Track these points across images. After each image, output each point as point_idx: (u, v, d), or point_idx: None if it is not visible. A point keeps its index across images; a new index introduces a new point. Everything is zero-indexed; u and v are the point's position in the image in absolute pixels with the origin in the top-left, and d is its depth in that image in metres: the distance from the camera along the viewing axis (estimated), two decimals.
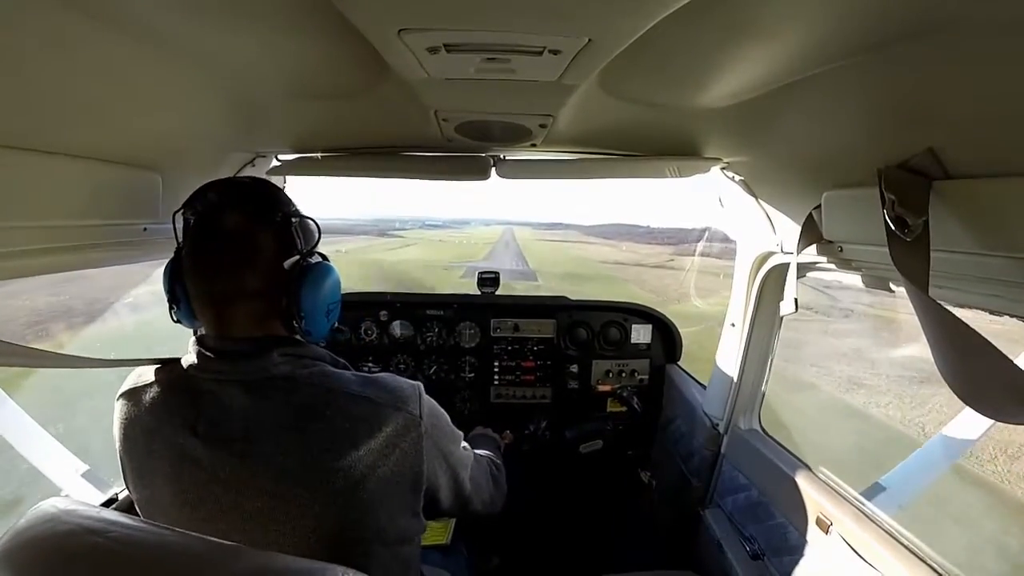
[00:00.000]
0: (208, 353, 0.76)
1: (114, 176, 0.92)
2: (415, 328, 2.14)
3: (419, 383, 0.84)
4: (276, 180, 1.54)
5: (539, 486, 2.16)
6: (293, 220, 0.79)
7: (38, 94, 0.67)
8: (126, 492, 1.27)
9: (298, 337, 0.82)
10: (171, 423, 0.74)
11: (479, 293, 2.16)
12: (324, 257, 0.86)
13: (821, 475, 1.30)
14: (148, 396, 0.78)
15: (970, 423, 1.40)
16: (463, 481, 0.92)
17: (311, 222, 0.84)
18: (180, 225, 0.79)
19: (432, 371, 2.15)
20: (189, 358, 0.78)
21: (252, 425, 0.72)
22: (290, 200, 0.83)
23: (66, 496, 1.24)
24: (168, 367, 0.81)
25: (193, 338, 0.80)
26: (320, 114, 1.12)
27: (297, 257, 0.79)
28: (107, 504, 1.24)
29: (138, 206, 1.01)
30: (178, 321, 0.85)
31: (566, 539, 2.12)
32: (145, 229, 1.08)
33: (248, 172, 1.43)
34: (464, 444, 0.95)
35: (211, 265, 0.76)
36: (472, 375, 2.16)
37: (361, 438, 0.73)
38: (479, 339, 2.15)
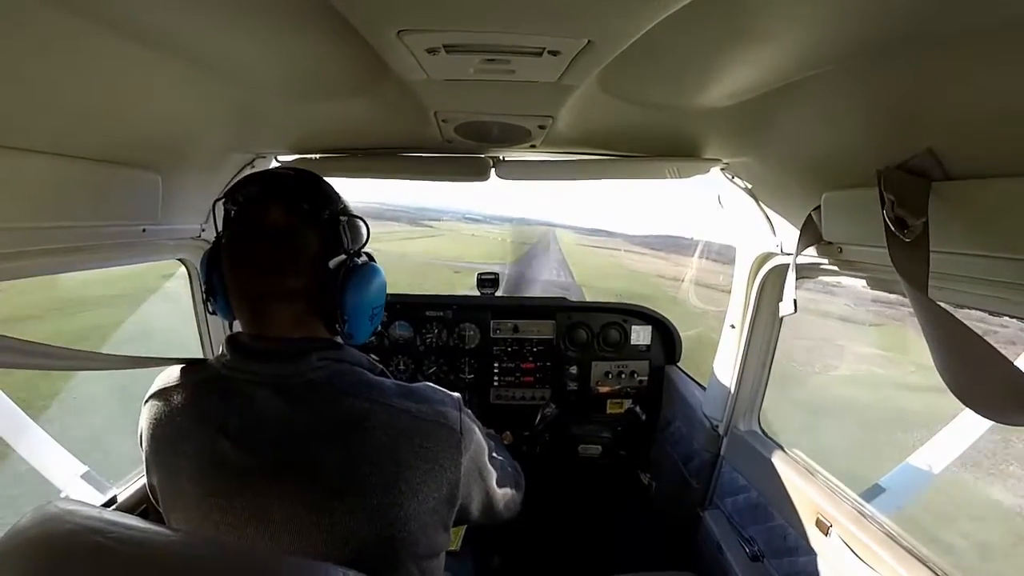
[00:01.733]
0: (243, 353, 0.74)
1: (113, 177, 0.92)
2: (415, 329, 2.14)
3: (458, 395, 0.82)
4: None
5: (539, 488, 2.15)
6: (341, 219, 0.76)
7: (37, 95, 0.68)
8: (127, 493, 1.27)
9: (338, 339, 0.80)
10: (202, 424, 0.72)
11: (479, 294, 2.16)
12: (371, 257, 0.83)
13: (820, 477, 1.29)
14: (178, 397, 0.75)
15: (969, 425, 1.40)
16: (493, 493, 0.90)
17: (360, 221, 0.81)
18: (220, 214, 0.76)
19: (432, 372, 2.15)
20: (222, 357, 0.76)
21: (287, 431, 0.69)
22: (338, 196, 0.79)
23: (67, 496, 1.24)
24: (198, 367, 0.79)
25: (226, 336, 0.78)
26: (319, 115, 1.12)
27: (343, 257, 0.76)
28: (107, 505, 1.24)
29: (137, 207, 1.01)
30: (213, 312, 0.83)
31: (566, 540, 2.11)
32: (144, 230, 1.07)
33: (248, 173, 1.43)
34: (493, 454, 0.92)
35: (252, 262, 0.72)
36: (472, 376, 2.16)
37: (401, 453, 0.70)
38: (479, 340, 2.15)
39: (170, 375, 0.80)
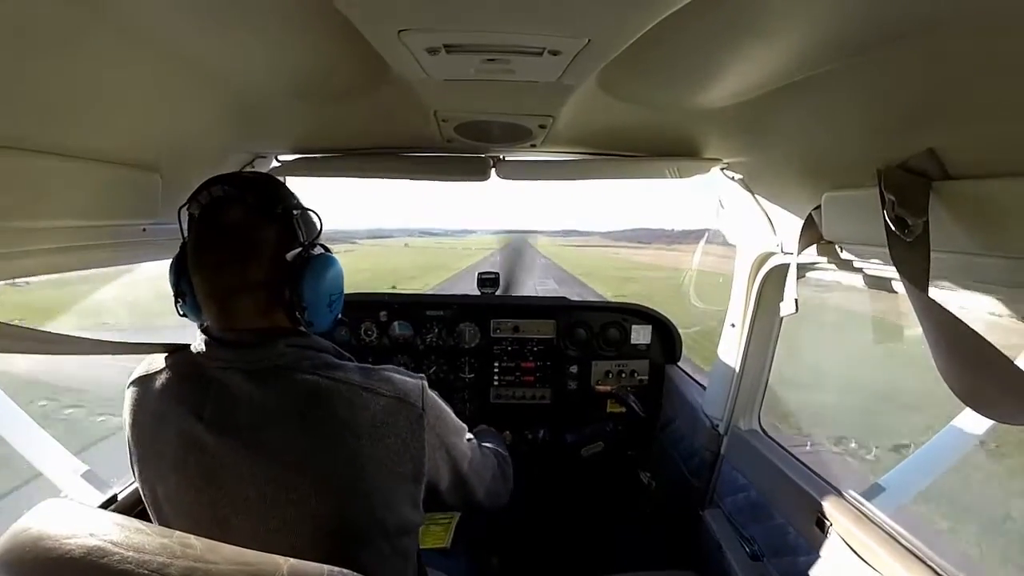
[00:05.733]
0: (215, 342, 0.77)
1: (113, 176, 0.92)
2: (415, 328, 2.14)
3: (423, 376, 0.84)
4: None
5: (538, 487, 2.16)
6: (294, 212, 0.80)
7: (38, 95, 0.67)
8: (126, 493, 1.27)
9: (302, 329, 0.83)
10: (178, 409, 0.75)
11: (479, 294, 2.16)
12: (327, 249, 0.86)
13: (820, 476, 1.29)
14: (157, 382, 0.79)
15: (970, 424, 1.40)
16: (465, 474, 0.92)
17: (313, 214, 0.85)
18: (185, 221, 0.80)
19: (432, 371, 2.14)
20: (197, 345, 0.79)
21: (256, 413, 0.73)
22: (291, 193, 0.83)
23: (65, 496, 1.24)
24: (177, 354, 0.82)
25: (199, 327, 0.81)
26: (320, 115, 1.12)
27: (299, 249, 0.80)
28: (106, 505, 1.24)
29: (138, 206, 1.01)
30: (184, 315, 0.85)
31: (565, 540, 2.11)
32: (144, 229, 1.08)
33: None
34: (468, 437, 0.95)
35: (214, 259, 0.76)
36: (472, 376, 2.16)
37: (363, 429, 0.74)
38: (479, 339, 2.15)
39: (152, 361, 0.83)
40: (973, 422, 1.39)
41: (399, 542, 0.80)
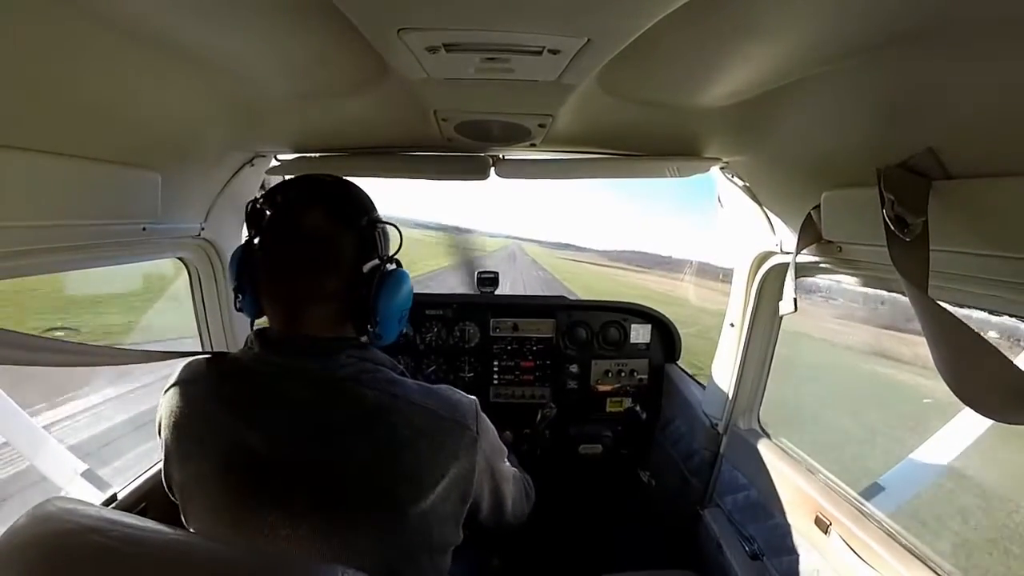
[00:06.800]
0: (273, 347, 0.76)
1: (113, 176, 0.92)
2: (414, 328, 2.14)
3: (475, 398, 0.84)
4: (276, 179, 1.55)
5: (539, 486, 2.15)
6: (378, 226, 0.79)
7: (37, 93, 0.67)
8: (126, 491, 1.27)
9: (363, 339, 0.82)
10: (228, 416, 0.73)
11: (478, 293, 2.16)
12: (399, 264, 0.86)
13: (820, 475, 1.30)
14: (203, 387, 0.77)
15: (969, 423, 1.40)
16: (504, 496, 0.92)
17: (394, 228, 0.85)
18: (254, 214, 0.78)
19: (431, 371, 2.15)
20: (248, 351, 0.78)
21: (313, 424, 0.71)
22: (374, 205, 0.83)
23: (66, 495, 1.24)
24: (220, 359, 0.80)
25: (252, 331, 0.80)
26: (319, 114, 1.12)
27: (376, 262, 0.79)
28: (107, 503, 1.24)
29: (137, 206, 1.01)
30: (240, 309, 0.84)
31: (566, 539, 2.12)
32: (144, 229, 1.07)
33: (247, 172, 1.43)
34: (507, 459, 0.94)
35: (291, 264, 0.75)
36: (471, 375, 2.16)
37: (422, 448, 0.72)
38: (478, 339, 2.14)
39: (192, 366, 0.81)
40: (972, 422, 1.39)
41: (439, 558, 0.80)
